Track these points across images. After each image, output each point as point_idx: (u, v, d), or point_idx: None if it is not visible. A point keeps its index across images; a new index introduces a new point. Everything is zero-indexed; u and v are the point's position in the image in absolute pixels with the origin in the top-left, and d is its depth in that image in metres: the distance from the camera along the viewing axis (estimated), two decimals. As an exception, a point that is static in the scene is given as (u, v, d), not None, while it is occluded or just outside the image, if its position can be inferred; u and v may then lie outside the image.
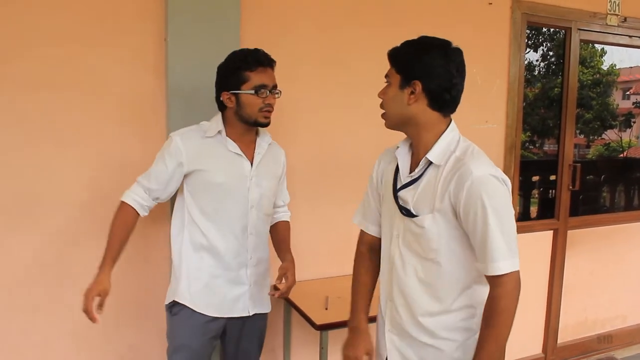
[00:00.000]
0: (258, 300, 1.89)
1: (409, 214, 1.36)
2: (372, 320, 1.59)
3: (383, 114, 1.41)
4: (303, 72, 2.36)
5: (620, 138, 11.86)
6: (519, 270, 1.28)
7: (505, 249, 1.25)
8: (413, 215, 1.35)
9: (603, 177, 5.47)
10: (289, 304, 2.25)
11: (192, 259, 1.80)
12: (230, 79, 1.74)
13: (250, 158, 1.82)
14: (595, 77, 11.85)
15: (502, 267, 1.25)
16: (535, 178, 4.96)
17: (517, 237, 1.30)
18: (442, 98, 1.33)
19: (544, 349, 3.34)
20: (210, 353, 1.89)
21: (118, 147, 2.05)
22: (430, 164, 1.34)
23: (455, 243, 1.32)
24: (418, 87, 1.31)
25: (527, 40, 3.00)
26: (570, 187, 3.27)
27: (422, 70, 1.31)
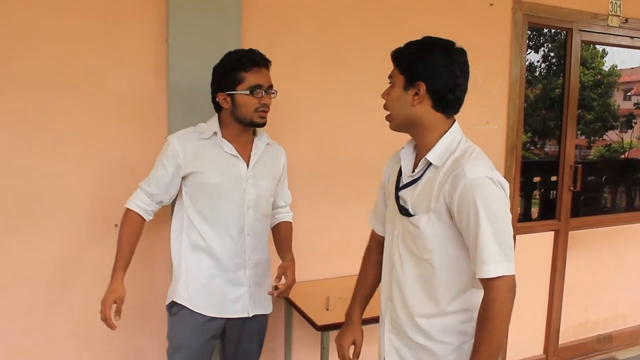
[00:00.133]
0: (258, 301, 1.89)
1: (407, 214, 1.36)
2: (375, 320, 1.61)
3: (387, 116, 1.40)
4: (304, 71, 2.36)
5: (622, 139, 11.86)
6: (514, 275, 1.25)
7: (497, 252, 1.22)
8: (410, 215, 1.35)
9: (604, 178, 5.47)
10: (290, 305, 2.25)
11: (190, 260, 1.81)
12: (226, 80, 1.74)
13: (247, 159, 1.82)
14: (597, 78, 11.86)
15: (492, 270, 1.22)
16: (537, 179, 4.96)
17: (512, 241, 1.26)
18: (445, 99, 1.32)
19: (545, 350, 3.33)
20: (210, 353, 1.89)
21: (119, 147, 2.05)
22: (430, 165, 1.34)
23: (451, 244, 1.31)
24: (422, 88, 1.31)
25: (528, 41, 3.00)
26: (572, 188, 3.27)
27: (426, 71, 1.31)
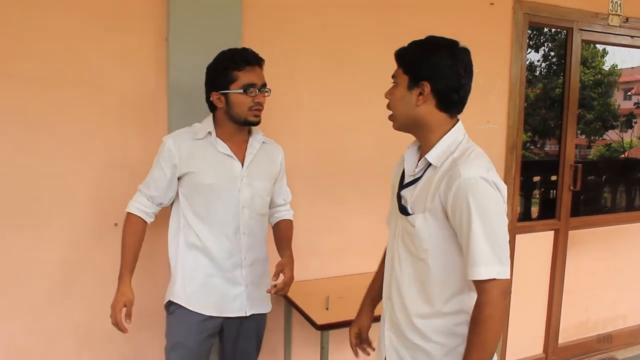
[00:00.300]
0: (256, 301, 1.89)
1: (405, 213, 1.37)
2: (376, 320, 1.62)
3: (390, 116, 1.40)
4: (304, 70, 2.36)
5: (622, 138, 11.84)
6: (509, 279, 1.22)
7: (489, 254, 1.20)
8: (408, 214, 1.35)
9: (604, 177, 5.46)
10: (290, 304, 2.25)
11: (187, 259, 1.81)
12: (219, 79, 1.74)
13: (242, 158, 1.82)
14: (597, 77, 11.84)
15: (483, 272, 1.20)
16: (537, 178, 4.95)
17: (506, 245, 1.24)
18: (450, 99, 1.32)
19: (545, 349, 3.34)
20: (208, 352, 1.89)
21: (119, 146, 2.05)
22: (430, 165, 1.34)
23: (446, 244, 1.30)
24: (427, 88, 1.30)
25: (528, 41, 3.00)
26: (572, 187, 3.27)
27: (430, 71, 1.30)
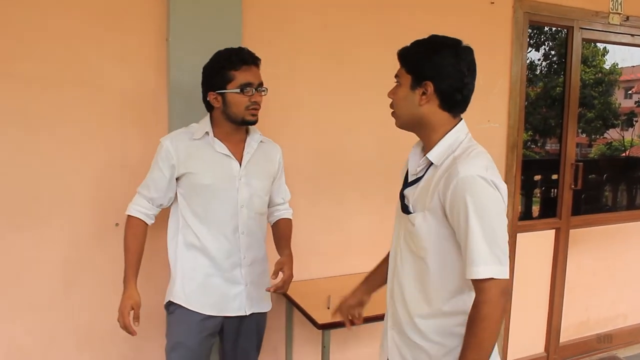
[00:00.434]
0: (256, 300, 1.89)
1: (407, 211, 1.37)
2: (379, 318, 1.63)
3: (393, 113, 1.40)
4: (304, 69, 2.36)
5: (622, 137, 11.84)
6: (507, 279, 1.21)
7: (487, 254, 1.19)
8: (409, 213, 1.36)
9: (605, 176, 5.46)
10: (291, 303, 2.25)
11: (186, 260, 1.82)
12: (216, 79, 1.74)
13: (239, 158, 1.82)
14: (598, 76, 11.84)
15: (481, 271, 1.19)
16: (537, 177, 4.95)
17: (505, 244, 1.23)
18: (453, 98, 1.32)
19: (546, 348, 3.34)
20: (209, 351, 1.89)
21: (119, 146, 2.05)
22: (432, 164, 1.34)
23: (445, 243, 1.30)
24: (430, 87, 1.30)
25: (529, 40, 2.99)
26: (572, 186, 3.27)
27: (433, 71, 1.30)
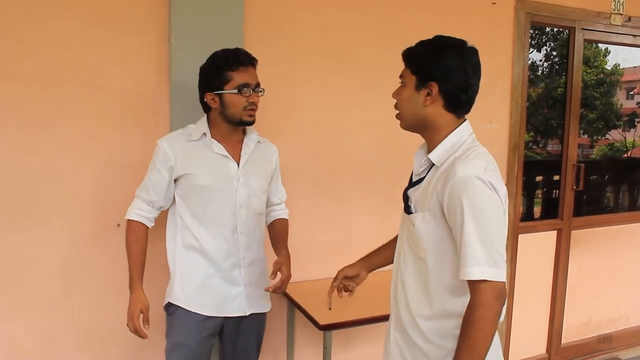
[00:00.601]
0: (255, 300, 1.89)
1: (408, 212, 1.38)
2: (383, 319, 1.62)
3: (397, 114, 1.40)
4: (305, 69, 2.36)
5: (624, 138, 11.80)
6: (503, 282, 1.20)
7: (482, 255, 1.18)
8: (410, 213, 1.36)
9: (607, 177, 5.45)
10: (293, 304, 2.24)
11: (185, 261, 1.82)
12: (213, 80, 1.74)
13: (237, 158, 1.82)
14: (599, 76, 11.80)
15: (475, 273, 1.18)
16: (539, 178, 4.95)
17: (502, 247, 1.22)
18: (458, 99, 1.32)
19: (548, 350, 3.33)
20: (209, 351, 1.89)
21: (120, 146, 2.05)
22: (434, 165, 1.34)
23: (444, 243, 1.29)
24: (435, 88, 1.30)
25: (530, 40, 2.99)
26: (574, 187, 3.26)
27: (438, 72, 1.30)
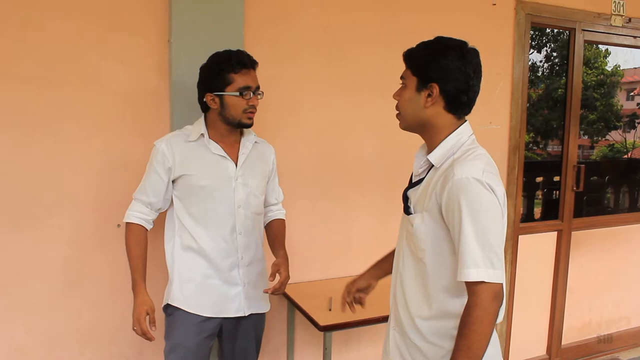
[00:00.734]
0: (254, 300, 1.89)
1: (407, 212, 1.38)
2: (382, 320, 1.61)
3: (398, 115, 1.41)
4: (306, 70, 2.36)
5: (625, 139, 11.80)
6: (501, 284, 1.21)
7: (479, 257, 1.19)
8: (409, 214, 1.37)
9: (607, 178, 5.46)
10: (293, 305, 2.24)
11: (183, 262, 1.82)
12: (214, 81, 1.74)
13: (235, 158, 1.83)
14: (600, 78, 11.81)
15: (472, 274, 1.19)
16: (539, 179, 4.96)
17: (500, 248, 1.22)
18: (459, 100, 1.32)
19: (549, 350, 3.33)
20: (208, 352, 1.88)
21: (120, 147, 2.05)
22: (433, 166, 1.35)
23: (443, 244, 1.30)
24: (435, 89, 1.30)
25: (530, 41, 2.99)
26: (574, 188, 3.26)
27: (439, 73, 1.30)
